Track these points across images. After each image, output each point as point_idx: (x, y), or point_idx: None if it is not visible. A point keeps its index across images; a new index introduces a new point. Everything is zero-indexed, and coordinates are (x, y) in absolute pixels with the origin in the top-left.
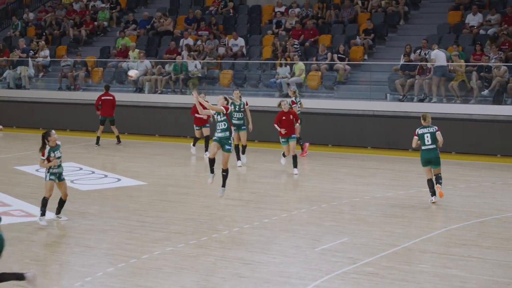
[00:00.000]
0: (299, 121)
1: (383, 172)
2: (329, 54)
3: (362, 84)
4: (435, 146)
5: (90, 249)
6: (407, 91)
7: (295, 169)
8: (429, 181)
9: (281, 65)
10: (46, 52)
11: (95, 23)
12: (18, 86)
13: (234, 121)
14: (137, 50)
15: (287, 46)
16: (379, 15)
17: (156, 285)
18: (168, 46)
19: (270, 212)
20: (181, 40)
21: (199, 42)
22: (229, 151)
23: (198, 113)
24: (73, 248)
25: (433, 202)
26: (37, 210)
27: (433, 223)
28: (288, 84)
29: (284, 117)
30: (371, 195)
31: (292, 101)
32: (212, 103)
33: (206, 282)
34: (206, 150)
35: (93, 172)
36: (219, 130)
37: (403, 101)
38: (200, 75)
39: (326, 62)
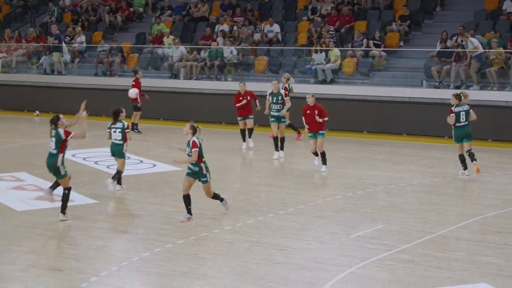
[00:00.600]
0: (327, 118)
1: (418, 159)
2: (364, 41)
3: (398, 71)
4: (468, 123)
5: (126, 234)
6: (443, 78)
7: (323, 166)
8: (461, 156)
9: (316, 51)
10: (82, 38)
11: (131, 9)
12: (54, 72)
13: (273, 113)
14: (171, 37)
15: (322, 32)
16: (416, 2)
17: (192, 270)
18: (203, 32)
19: (305, 198)
20: (217, 26)
21: (234, 28)
22: (206, 182)
23: (238, 104)
24: (109, 233)
25: (467, 175)
26: (74, 195)
27: (469, 210)
28: (323, 71)
29: (308, 111)
30: (407, 182)
31: (285, 87)
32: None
33: (241, 267)
34: (244, 140)
35: (128, 158)
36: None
37: (439, 88)
38: (235, 61)
39: (362, 48)
